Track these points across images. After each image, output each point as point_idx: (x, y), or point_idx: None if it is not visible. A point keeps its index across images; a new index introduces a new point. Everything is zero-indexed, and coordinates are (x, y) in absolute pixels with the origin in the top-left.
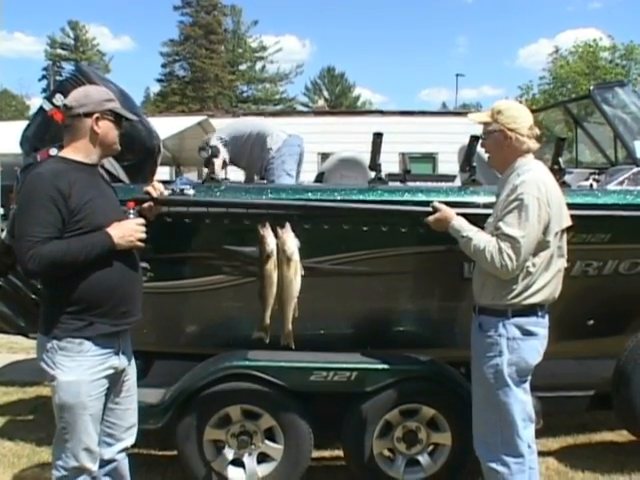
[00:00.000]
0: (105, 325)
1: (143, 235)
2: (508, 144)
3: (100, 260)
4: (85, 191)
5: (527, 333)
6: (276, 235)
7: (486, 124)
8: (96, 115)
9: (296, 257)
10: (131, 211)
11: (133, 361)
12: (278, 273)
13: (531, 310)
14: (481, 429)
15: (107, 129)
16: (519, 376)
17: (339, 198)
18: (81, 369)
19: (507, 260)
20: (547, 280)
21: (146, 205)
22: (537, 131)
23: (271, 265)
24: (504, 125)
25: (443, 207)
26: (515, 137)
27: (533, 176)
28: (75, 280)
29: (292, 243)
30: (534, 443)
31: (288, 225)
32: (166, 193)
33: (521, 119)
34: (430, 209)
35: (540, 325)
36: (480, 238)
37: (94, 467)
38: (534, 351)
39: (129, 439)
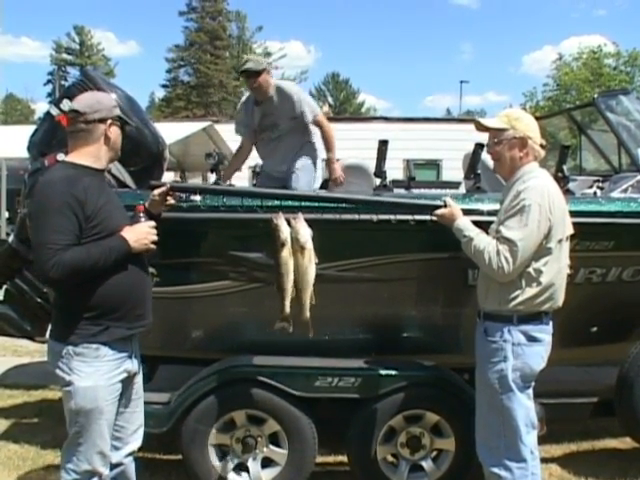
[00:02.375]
0: (121, 329)
1: (155, 237)
2: (526, 151)
3: (117, 264)
4: (98, 196)
5: (532, 339)
6: (289, 225)
7: (502, 130)
8: (109, 121)
9: (309, 245)
10: (141, 214)
11: (140, 365)
12: (293, 262)
13: (536, 316)
14: (484, 434)
15: (116, 134)
16: (523, 382)
17: None
18: (98, 374)
19: (504, 262)
20: (552, 288)
21: (158, 192)
22: (544, 142)
23: (286, 253)
24: (524, 132)
25: (453, 204)
26: (532, 145)
27: (537, 183)
28: (91, 285)
29: (305, 231)
30: (536, 449)
31: (300, 215)
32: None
33: (535, 128)
34: (439, 203)
35: (545, 332)
36: (481, 239)
37: (106, 471)
38: (538, 357)
39: (136, 442)
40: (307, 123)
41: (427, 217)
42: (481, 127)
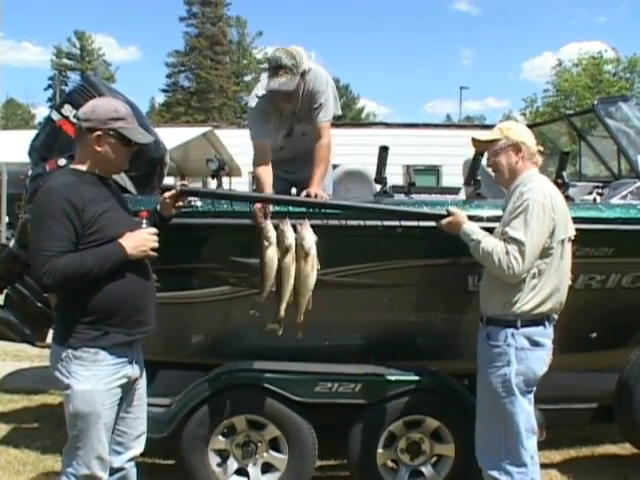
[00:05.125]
0: (120, 335)
1: (155, 244)
2: (521, 156)
3: (114, 271)
4: (98, 203)
5: (535, 344)
6: (294, 230)
7: (496, 141)
8: (97, 133)
9: (313, 252)
10: (144, 220)
11: (144, 371)
12: (295, 267)
13: (539, 320)
14: (484, 438)
15: (109, 149)
16: (526, 386)
17: None
18: (96, 378)
19: (514, 262)
20: (557, 288)
21: (169, 194)
22: (541, 148)
23: (289, 258)
24: (516, 139)
25: (457, 211)
26: (527, 149)
27: (539, 185)
28: (90, 291)
29: (310, 238)
30: (536, 454)
31: (307, 221)
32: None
33: (528, 136)
34: (444, 212)
35: (546, 336)
36: (489, 241)
37: (105, 475)
38: (541, 362)
39: (138, 447)
40: (315, 121)
41: (429, 224)
42: (478, 143)
